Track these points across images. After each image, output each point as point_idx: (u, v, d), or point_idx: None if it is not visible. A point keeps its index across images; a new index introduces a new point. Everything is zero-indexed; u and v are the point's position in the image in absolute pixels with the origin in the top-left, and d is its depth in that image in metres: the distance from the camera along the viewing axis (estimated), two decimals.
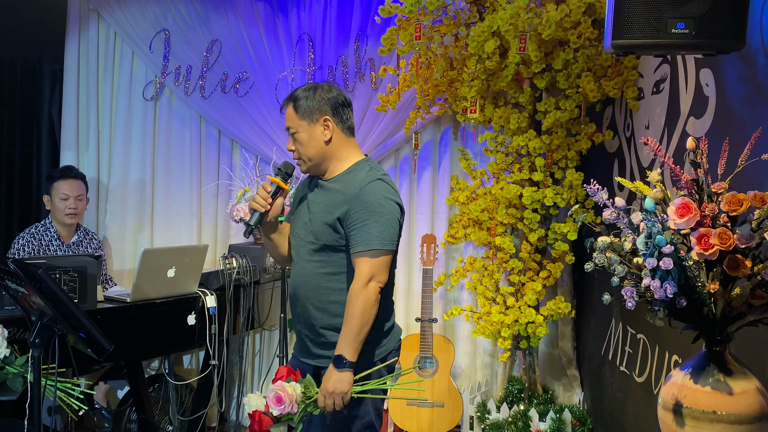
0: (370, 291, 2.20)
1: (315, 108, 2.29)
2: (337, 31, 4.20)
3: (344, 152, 2.35)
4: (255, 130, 4.23)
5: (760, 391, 1.67)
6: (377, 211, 2.22)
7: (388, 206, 2.25)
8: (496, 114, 3.68)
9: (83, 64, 4.33)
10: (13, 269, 2.10)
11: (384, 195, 2.25)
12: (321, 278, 2.31)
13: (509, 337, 3.72)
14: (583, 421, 3.68)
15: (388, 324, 2.37)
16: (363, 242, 2.21)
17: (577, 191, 3.62)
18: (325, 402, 2.19)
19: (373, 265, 2.21)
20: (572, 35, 3.30)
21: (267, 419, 2.15)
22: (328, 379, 2.20)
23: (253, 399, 2.19)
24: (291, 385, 2.17)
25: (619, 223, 1.79)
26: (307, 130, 2.30)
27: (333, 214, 2.27)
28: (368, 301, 2.20)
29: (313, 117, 2.29)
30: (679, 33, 1.91)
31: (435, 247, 3.86)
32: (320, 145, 2.31)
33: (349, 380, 2.20)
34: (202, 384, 3.64)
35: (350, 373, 2.20)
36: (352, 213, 2.23)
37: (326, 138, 2.30)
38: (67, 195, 3.66)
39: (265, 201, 2.29)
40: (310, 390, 2.21)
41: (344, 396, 2.19)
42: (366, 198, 2.23)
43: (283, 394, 2.14)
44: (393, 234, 2.25)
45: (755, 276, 1.63)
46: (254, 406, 2.17)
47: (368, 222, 2.21)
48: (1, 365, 2.45)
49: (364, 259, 2.21)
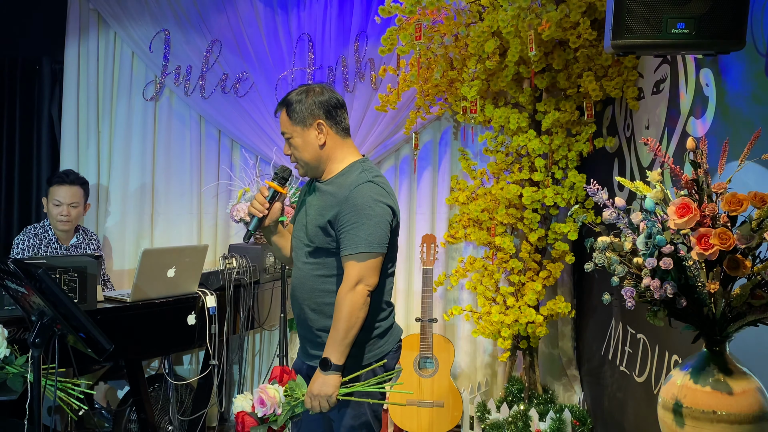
0: (358, 294, 2.20)
1: (307, 113, 2.29)
2: (337, 31, 4.20)
3: (340, 154, 2.35)
4: (255, 130, 4.23)
5: (760, 391, 1.67)
6: (366, 213, 2.21)
7: (378, 208, 2.23)
8: (496, 114, 3.68)
9: (83, 64, 4.33)
10: (13, 269, 2.10)
11: (373, 197, 2.24)
12: (316, 280, 2.32)
13: (509, 337, 3.72)
14: (583, 421, 3.68)
15: (383, 326, 2.36)
16: (351, 245, 2.21)
17: (578, 191, 3.62)
18: (311, 404, 2.21)
19: (361, 269, 2.21)
20: (572, 35, 3.30)
21: (250, 420, 2.18)
22: (314, 382, 2.21)
23: (240, 400, 2.22)
24: (273, 387, 2.21)
25: (619, 223, 1.79)
26: (301, 135, 2.30)
27: (324, 217, 2.27)
28: (355, 304, 2.20)
29: (306, 122, 2.30)
30: (679, 33, 1.92)
31: (435, 247, 3.86)
32: (315, 149, 2.31)
33: (335, 383, 2.20)
34: (202, 384, 3.63)
35: (336, 376, 2.20)
36: (342, 216, 2.23)
37: (320, 142, 2.31)
38: (60, 202, 3.63)
39: (262, 206, 2.32)
40: (297, 391, 2.23)
41: (329, 399, 2.20)
42: (355, 200, 2.23)
43: (265, 397, 2.18)
44: (382, 236, 2.24)
45: (755, 276, 1.63)
46: (240, 407, 2.21)
47: (356, 225, 2.21)
48: (1, 365, 2.45)
49: (352, 263, 2.21)
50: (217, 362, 3.36)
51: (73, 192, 3.66)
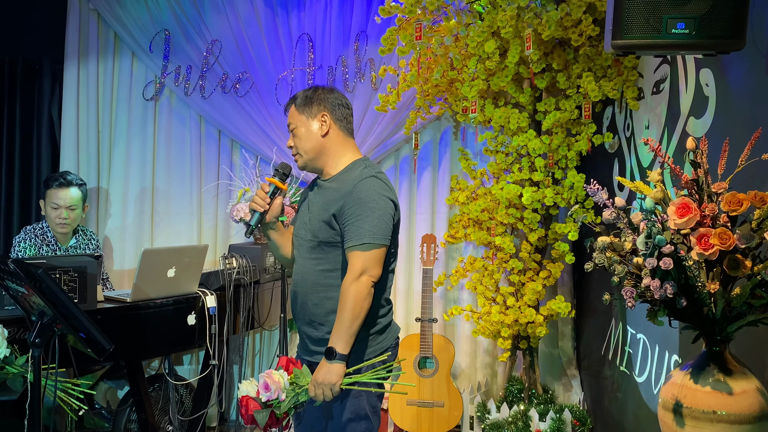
0: (362, 284, 2.24)
1: (314, 103, 2.39)
2: (337, 31, 4.20)
3: (341, 150, 2.41)
4: (255, 130, 4.23)
5: (760, 391, 1.67)
6: (370, 206, 2.27)
7: (381, 202, 2.29)
8: (496, 114, 3.67)
9: (83, 64, 4.33)
10: (13, 269, 2.10)
11: (377, 191, 2.30)
12: (318, 275, 2.37)
13: (509, 337, 3.72)
14: (583, 421, 3.68)
15: (383, 322, 2.40)
16: (355, 237, 2.26)
17: (578, 191, 3.62)
18: (315, 392, 2.24)
19: (365, 259, 2.25)
20: (573, 33, 3.30)
21: (254, 404, 2.22)
22: (319, 370, 2.24)
23: (245, 385, 2.26)
24: (278, 373, 2.24)
25: (619, 223, 1.79)
26: (305, 124, 2.38)
27: (329, 211, 2.32)
28: (359, 294, 2.23)
29: (312, 112, 2.38)
30: (679, 33, 1.92)
31: (435, 247, 3.86)
32: (317, 139, 2.38)
33: (339, 372, 2.23)
34: (202, 384, 3.63)
35: (341, 365, 2.24)
36: (346, 209, 2.28)
37: (323, 132, 2.38)
38: (58, 205, 3.60)
39: (263, 201, 2.38)
40: (302, 379, 2.26)
41: (333, 387, 2.22)
42: (359, 194, 2.28)
43: (270, 381, 2.21)
44: (386, 229, 2.28)
45: (755, 276, 1.63)
46: (245, 391, 2.24)
47: (361, 217, 2.26)
48: (1, 365, 2.45)
49: (356, 253, 2.25)
50: (217, 362, 3.36)
51: (71, 194, 3.64)
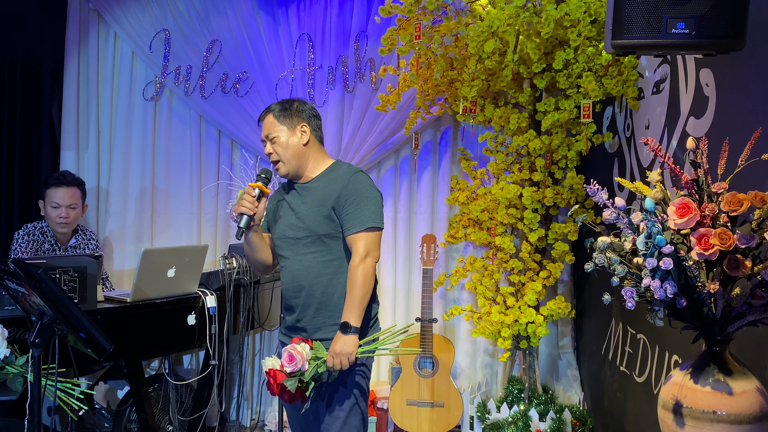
0: (368, 265, 2.49)
1: (293, 115, 2.61)
2: (337, 31, 4.20)
3: (319, 156, 2.66)
4: (255, 130, 4.23)
5: (760, 391, 1.67)
6: (367, 195, 2.53)
7: (375, 191, 2.58)
8: (496, 114, 3.67)
9: (83, 64, 4.33)
10: (13, 269, 2.10)
11: (369, 183, 2.58)
12: (322, 266, 2.56)
13: (509, 337, 3.72)
14: (583, 421, 3.68)
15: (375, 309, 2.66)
16: (359, 222, 2.50)
17: (577, 191, 3.62)
18: (333, 362, 2.43)
19: (368, 242, 2.50)
20: (572, 33, 3.30)
21: (281, 374, 2.42)
22: (336, 342, 2.45)
23: (269, 360, 2.46)
24: (301, 345, 2.45)
25: (619, 223, 1.79)
26: (287, 134, 2.59)
27: (327, 206, 2.53)
28: (367, 273, 2.48)
29: (293, 123, 2.60)
30: (679, 33, 1.91)
31: (435, 247, 3.86)
32: (299, 147, 2.60)
33: (354, 342, 2.45)
34: (202, 384, 3.64)
35: (355, 337, 2.45)
36: (344, 200, 2.52)
37: (304, 141, 2.61)
38: (58, 204, 3.59)
39: (252, 204, 2.53)
40: (320, 352, 2.47)
41: (350, 356, 2.44)
42: (356, 185, 2.53)
43: (294, 353, 2.42)
44: (381, 214, 2.57)
45: (755, 276, 1.63)
46: (270, 365, 2.45)
47: (360, 205, 2.51)
48: (1, 365, 2.45)
49: (361, 236, 2.49)
50: (217, 362, 3.36)
51: (71, 193, 3.64)
